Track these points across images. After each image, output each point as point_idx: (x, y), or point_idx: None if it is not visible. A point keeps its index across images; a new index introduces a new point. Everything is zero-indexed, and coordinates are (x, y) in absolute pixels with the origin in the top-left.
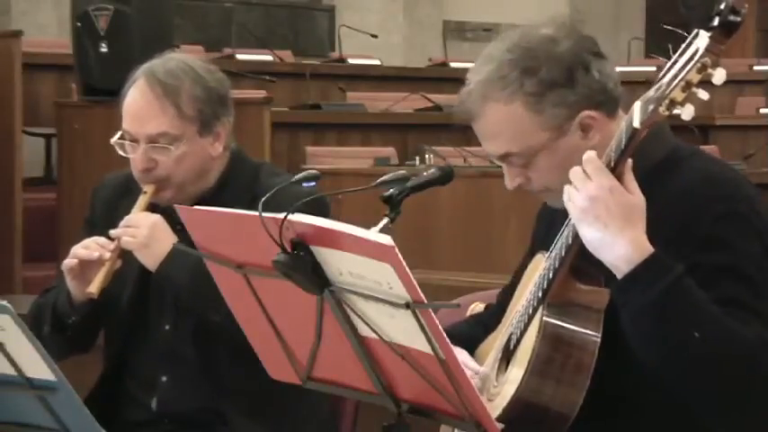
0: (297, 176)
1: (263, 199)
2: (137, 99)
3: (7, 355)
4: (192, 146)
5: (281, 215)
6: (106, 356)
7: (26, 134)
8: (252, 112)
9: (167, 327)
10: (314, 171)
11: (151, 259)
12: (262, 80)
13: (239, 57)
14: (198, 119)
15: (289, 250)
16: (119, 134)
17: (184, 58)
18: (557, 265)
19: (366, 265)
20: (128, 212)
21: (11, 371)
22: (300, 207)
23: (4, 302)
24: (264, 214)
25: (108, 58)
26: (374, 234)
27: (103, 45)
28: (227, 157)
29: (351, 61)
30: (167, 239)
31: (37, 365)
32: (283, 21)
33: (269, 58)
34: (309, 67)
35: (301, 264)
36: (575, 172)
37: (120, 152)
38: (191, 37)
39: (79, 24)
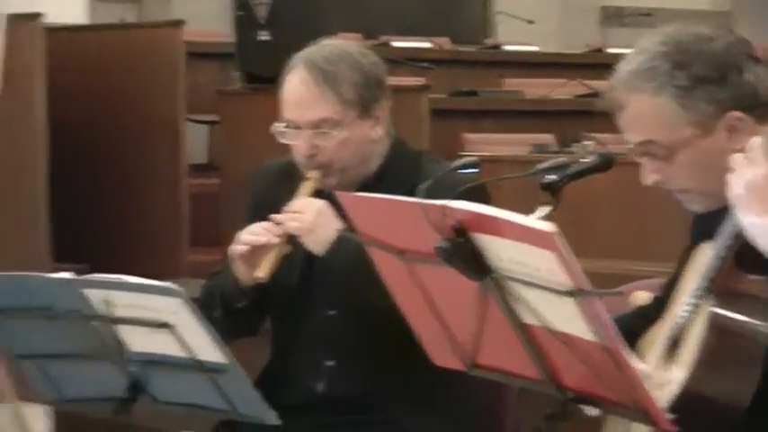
0: (456, 163)
1: (424, 186)
2: (297, 86)
3: (179, 338)
4: (353, 130)
5: (442, 202)
6: (273, 340)
7: (190, 122)
8: (409, 99)
9: (331, 312)
10: (473, 158)
11: (317, 245)
12: (419, 67)
13: (395, 44)
14: (358, 103)
15: (450, 237)
16: (278, 122)
17: (340, 44)
18: (722, 255)
19: (527, 252)
20: (289, 199)
21: (183, 353)
22: (461, 194)
23: (176, 286)
24: (425, 201)
25: (268, 47)
26: (536, 221)
27: (263, 34)
28: (387, 144)
29: (507, 48)
30: (332, 225)
31: (207, 348)
32: (439, 7)
33: (426, 45)
34: (466, 54)
35: (463, 251)
36: (735, 158)
37: (282, 140)
38: (348, 25)
39: (240, 14)
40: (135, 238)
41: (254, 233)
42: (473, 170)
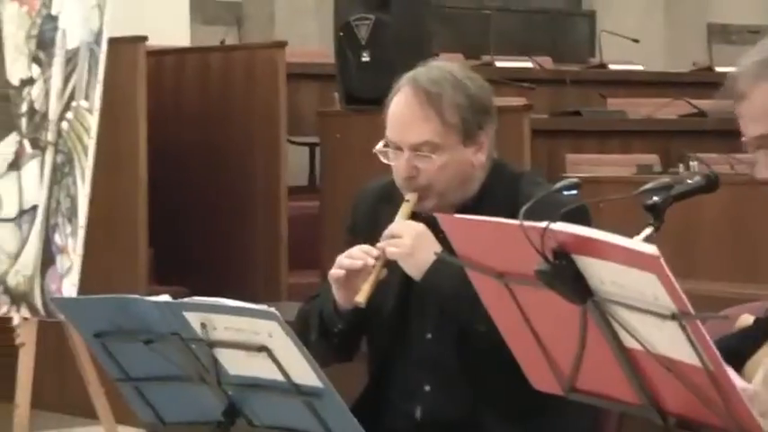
0: (557, 185)
1: (525, 208)
2: (401, 107)
3: (275, 361)
4: (455, 155)
5: (543, 224)
6: (369, 365)
7: (290, 143)
8: (511, 119)
9: (429, 336)
10: (574, 179)
11: (416, 268)
12: (521, 87)
13: (498, 64)
14: (461, 127)
15: (551, 260)
16: (383, 142)
17: (447, 66)
18: None
19: (629, 274)
20: (389, 220)
21: (279, 376)
22: (562, 216)
23: (272, 309)
24: (526, 223)
25: (369, 67)
26: (639, 243)
27: (365, 54)
28: (488, 167)
29: (612, 67)
30: (431, 248)
31: (304, 371)
32: (542, 27)
33: (528, 65)
34: (569, 74)
35: (564, 273)
36: None
37: (384, 160)
38: (449, 44)
39: (341, 34)
40: (234, 261)
41: (352, 257)
42: (574, 192)
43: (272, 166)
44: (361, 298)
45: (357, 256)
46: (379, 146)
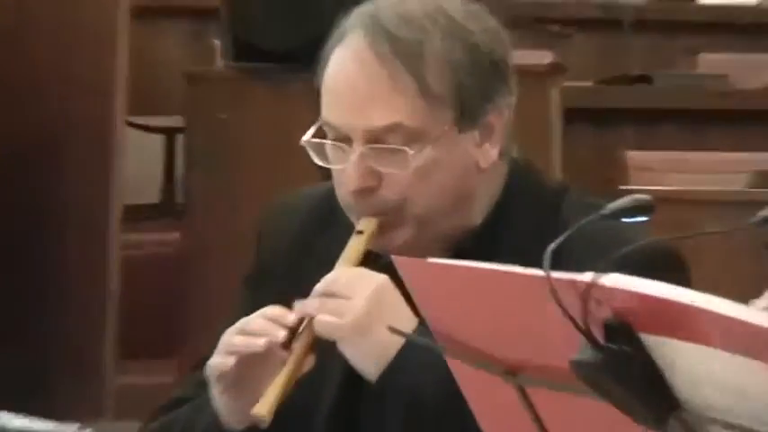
0: (610, 206)
1: (552, 246)
2: (348, 68)
3: None
4: (446, 148)
5: (587, 276)
6: None
7: (132, 127)
8: (527, 89)
9: None
10: (642, 196)
11: (369, 358)
12: (546, 32)
13: None
14: (456, 100)
15: (601, 341)
16: (314, 128)
17: None
18: None
19: (748, 371)
20: (330, 258)
21: None
22: (627, 262)
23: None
24: (555, 274)
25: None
26: (762, 313)
27: None
28: (503, 174)
29: (705, 1)
30: (397, 320)
31: None
32: None
33: None
34: (632, 11)
35: (625, 366)
36: None
37: (317, 160)
38: None
39: None
40: (28, 346)
41: (250, 332)
42: (642, 218)
43: (95, 170)
44: (264, 409)
45: (259, 329)
46: (309, 135)
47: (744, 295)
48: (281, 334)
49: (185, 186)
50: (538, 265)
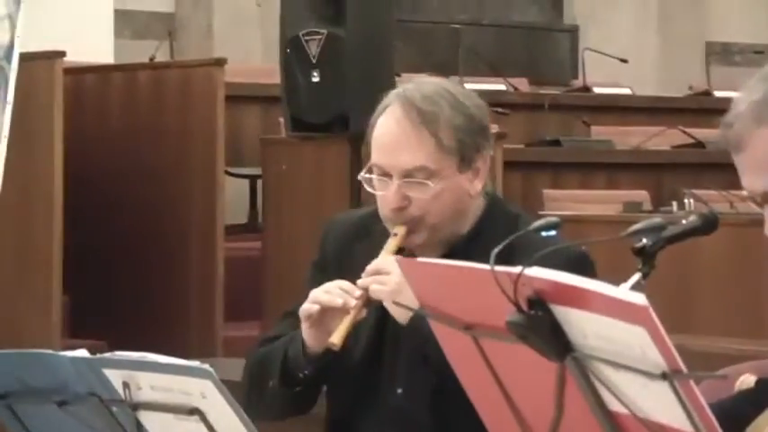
0: (533, 224)
1: (496, 250)
2: (391, 127)
3: (209, 426)
4: (451, 182)
5: (516, 269)
6: (328, 420)
7: (229, 175)
8: None
9: (400, 390)
10: (553, 218)
11: (402, 311)
12: (493, 112)
13: (467, 85)
14: (458, 151)
15: (525, 309)
16: (367, 167)
17: (441, 82)
18: None
19: (615, 327)
20: (365, 257)
21: None
22: (563, 264)
23: (206, 366)
24: (497, 268)
25: (320, 89)
26: (625, 292)
27: (315, 74)
28: (483, 202)
29: (597, 90)
30: None
31: None
32: (518, 44)
33: (501, 86)
34: (548, 98)
35: (540, 325)
36: None
37: (368, 188)
38: (412, 62)
39: (289, 51)
40: (162, 310)
41: (329, 292)
42: (552, 232)
43: (207, 202)
44: (336, 339)
45: (335, 292)
46: (364, 172)
47: (617, 282)
48: (348, 296)
49: (263, 213)
50: (501, 260)
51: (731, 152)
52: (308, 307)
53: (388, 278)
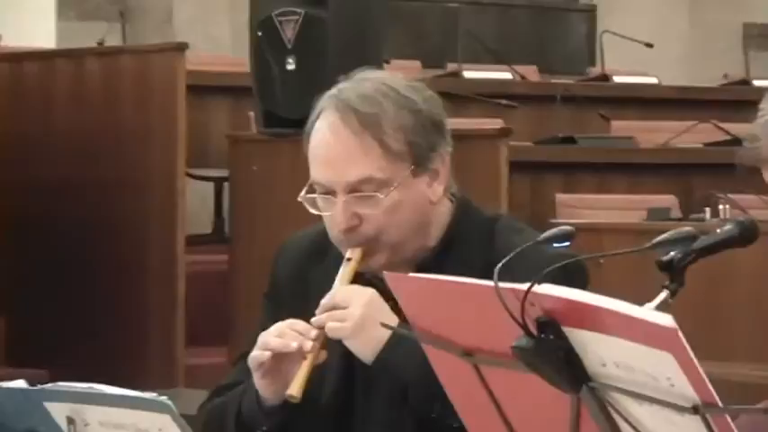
0: (544, 234)
1: (501, 264)
2: (327, 137)
3: None
4: (406, 190)
5: (524, 286)
6: None
7: (191, 177)
8: (483, 147)
9: (379, 430)
10: (566, 227)
11: (367, 348)
12: (497, 105)
13: (467, 74)
14: (409, 154)
15: (534, 333)
16: (307, 187)
17: (381, 77)
18: None
19: (638, 353)
20: (323, 284)
21: None
22: (550, 275)
23: (164, 399)
24: (501, 284)
25: (295, 78)
26: (650, 313)
27: (290, 61)
28: (450, 208)
29: (617, 79)
30: (386, 320)
31: None
32: (526, 26)
33: (507, 76)
34: (561, 88)
35: (551, 351)
36: None
37: (312, 210)
38: (404, 49)
39: (260, 34)
40: (114, 334)
41: (282, 335)
42: (566, 243)
43: (166, 209)
44: (295, 390)
45: (288, 334)
46: (303, 193)
47: (641, 300)
48: (306, 341)
49: (230, 220)
50: (479, 273)
51: (760, 164)
52: (257, 354)
53: (346, 313)
